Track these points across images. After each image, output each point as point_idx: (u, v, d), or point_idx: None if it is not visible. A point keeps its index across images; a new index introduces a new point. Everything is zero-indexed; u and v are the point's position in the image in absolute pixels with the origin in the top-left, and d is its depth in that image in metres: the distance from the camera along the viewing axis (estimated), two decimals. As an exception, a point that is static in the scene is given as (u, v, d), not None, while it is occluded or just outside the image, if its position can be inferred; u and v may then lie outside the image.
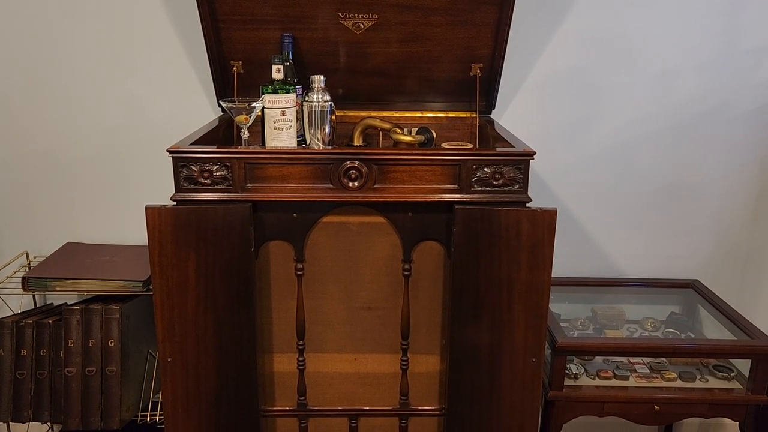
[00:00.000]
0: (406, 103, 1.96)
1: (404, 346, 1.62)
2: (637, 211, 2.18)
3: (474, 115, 1.94)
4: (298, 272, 1.56)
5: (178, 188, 1.47)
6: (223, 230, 1.47)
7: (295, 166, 1.47)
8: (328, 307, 1.60)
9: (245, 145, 1.63)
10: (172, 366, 1.54)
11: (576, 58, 2.05)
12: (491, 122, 1.92)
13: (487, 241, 1.48)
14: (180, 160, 1.46)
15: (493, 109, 1.98)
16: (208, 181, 1.47)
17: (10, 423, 1.90)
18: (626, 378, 1.85)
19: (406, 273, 1.57)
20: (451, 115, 1.97)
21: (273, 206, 1.51)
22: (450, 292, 1.53)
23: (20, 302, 2.06)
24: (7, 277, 1.95)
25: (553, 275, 2.16)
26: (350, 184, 1.47)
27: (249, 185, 1.48)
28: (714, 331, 2.02)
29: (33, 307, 2.11)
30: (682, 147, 2.12)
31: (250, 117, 1.61)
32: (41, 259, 2.02)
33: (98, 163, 2.09)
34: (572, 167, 2.13)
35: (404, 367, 1.64)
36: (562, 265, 2.19)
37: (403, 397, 1.66)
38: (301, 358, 1.63)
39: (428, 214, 1.52)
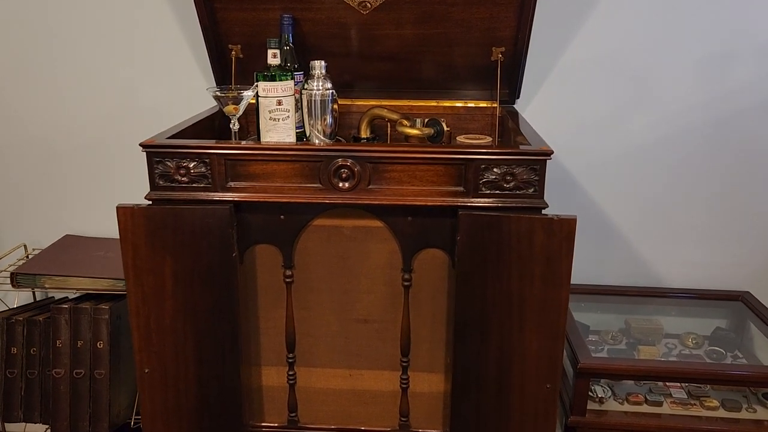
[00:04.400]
0: (420, 91, 1.78)
1: (404, 363, 1.46)
2: (681, 213, 1.95)
3: (495, 105, 1.75)
4: (287, 279, 1.42)
5: (153, 186, 1.34)
6: (201, 233, 1.33)
7: (281, 164, 1.32)
8: (319, 318, 1.45)
9: (236, 137, 1.49)
10: (150, 377, 1.43)
11: (612, 40, 1.82)
12: (514, 113, 1.72)
13: (495, 251, 1.30)
14: (155, 155, 1.32)
15: (518, 98, 1.78)
16: (185, 179, 1.33)
17: (6, 424, 1.84)
18: (659, 404, 1.64)
19: (406, 283, 1.40)
20: (470, 104, 1.78)
21: (258, 206, 1.36)
22: (453, 307, 1.36)
23: (23, 295, 2.00)
24: (1, 271, 1.87)
25: (584, 282, 2.01)
26: (341, 185, 1.31)
27: (230, 184, 1.33)
28: (765, 350, 1.79)
29: (33, 300, 2.04)
30: (734, 142, 1.87)
31: (239, 107, 1.47)
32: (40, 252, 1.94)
33: (97, 154, 2.00)
34: (608, 163, 1.92)
35: (404, 385, 1.48)
36: (594, 272, 2.00)
37: (403, 419, 1.50)
38: (291, 372, 1.49)
39: (430, 219, 1.35)
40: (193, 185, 1.33)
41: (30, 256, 2.01)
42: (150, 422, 1.46)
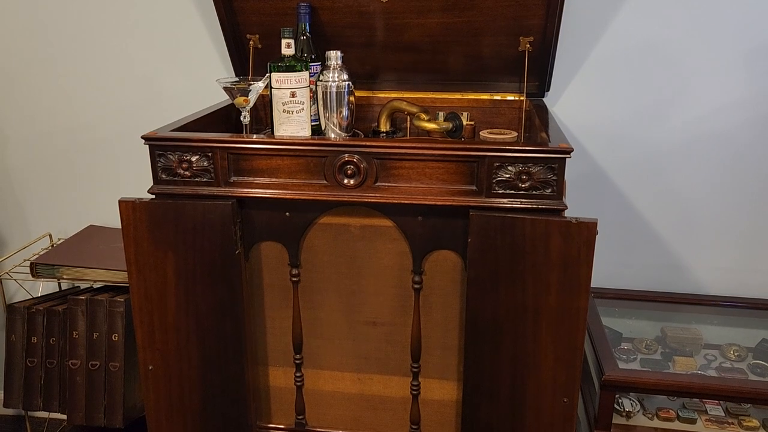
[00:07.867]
0: (444, 83, 1.69)
1: (414, 369, 1.40)
2: (726, 215, 1.80)
3: (522, 98, 1.65)
4: (293, 278, 1.37)
5: (156, 180, 1.31)
6: (203, 229, 1.29)
7: (285, 159, 1.27)
8: (327, 318, 1.40)
9: (246, 130, 1.45)
10: (154, 374, 1.40)
11: (652, 28, 1.69)
12: (542, 107, 1.62)
13: (508, 255, 1.21)
14: (157, 148, 1.29)
15: (547, 91, 1.68)
16: (187, 173, 1.29)
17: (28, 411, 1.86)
18: (693, 421, 1.53)
19: (416, 286, 1.33)
20: (497, 97, 1.68)
21: (263, 202, 1.31)
22: (464, 313, 1.28)
23: (50, 284, 2.02)
24: (24, 260, 1.89)
25: (620, 287, 1.89)
26: (346, 181, 1.25)
27: (233, 179, 1.29)
28: (817, 367, 1.65)
29: (58, 290, 2.06)
30: (786, 140, 1.72)
31: (249, 98, 1.42)
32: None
33: (122, 145, 1.99)
34: (646, 161, 1.79)
35: (415, 392, 1.41)
36: (631, 276, 1.89)
37: (413, 426, 1.44)
38: (298, 374, 1.44)
39: (442, 219, 1.27)
40: (196, 179, 1.29)
41: (55, 246, 2.02)
42: (155, 420, 1.44)
